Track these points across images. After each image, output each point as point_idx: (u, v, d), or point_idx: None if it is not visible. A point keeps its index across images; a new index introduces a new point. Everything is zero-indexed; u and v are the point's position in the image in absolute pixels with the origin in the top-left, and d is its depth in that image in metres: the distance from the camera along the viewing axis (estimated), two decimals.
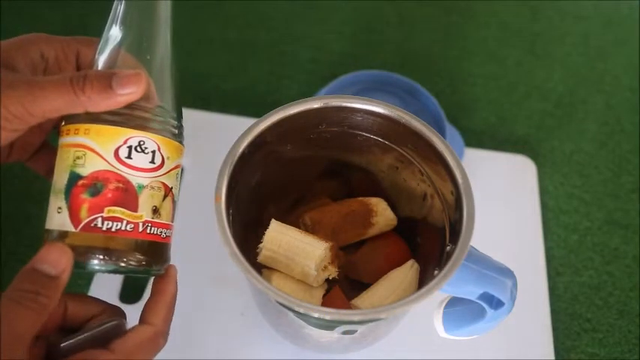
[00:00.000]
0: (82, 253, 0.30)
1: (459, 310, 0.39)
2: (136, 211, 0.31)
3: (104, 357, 0.30)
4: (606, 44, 0.75)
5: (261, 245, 0.42)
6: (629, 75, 0.72)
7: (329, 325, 0.37)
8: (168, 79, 0.33)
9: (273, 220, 0.43)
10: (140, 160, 0.31)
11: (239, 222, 0.39)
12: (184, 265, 0.36)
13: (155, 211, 0.32)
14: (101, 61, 0.32)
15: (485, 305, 0.36)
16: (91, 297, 0.34)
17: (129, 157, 0.31)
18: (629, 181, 0.63)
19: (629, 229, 0.59)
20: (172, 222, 0.34)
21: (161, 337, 0.32)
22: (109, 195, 0.30)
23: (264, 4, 0.74)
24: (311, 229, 0.45)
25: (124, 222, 0.31)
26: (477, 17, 0.76)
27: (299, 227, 0.45)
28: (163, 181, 0.32)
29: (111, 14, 0.32)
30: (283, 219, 0.43)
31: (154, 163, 0.32)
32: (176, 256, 0.35)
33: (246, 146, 0.38)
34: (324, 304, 0.43)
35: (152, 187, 0.32)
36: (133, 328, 0.32)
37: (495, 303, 0.36)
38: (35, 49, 0.33)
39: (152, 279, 0.34)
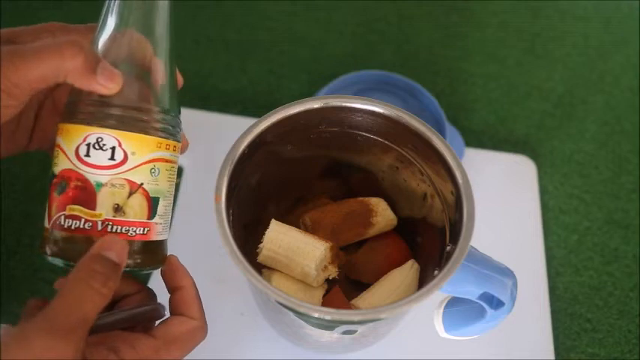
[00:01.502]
0: (52, 250, 0.31)
1: (459, 310, 0.39)
2: (94, 209, 0.31)
3: (146, 341, 0.30)
4: (606, 44, 0.75)
5: (261, 245, 0.42)
6: (629, 75, 0.72)
7: (329, 325, 0.37)
8: (157, 72, 0.32)
9: (273, 220, 0.43)
10: (98, 157, 0.31)
11: (239, 222, 0.39)
12: (184, 265, 0.36)
13: (117, 209, 0.31)
14: (99, 44, 0.32)
15: (485, 305, 0.36)
16: (131, 275, 0.34)
17: (87, 154, 0.31)
18: (629, 181, 0.63)
19: (629, 229, 0.59)
20: (152, 218, 0.33)
21: (202, 331, 0.33)
22: (70, 193, 0.31)
23: (264, 4, 0.74)
24: (311, 229, 0.45)
25: (82, 220, 0.31)
26: (477, 17, 0.76)
27: (299, 227, 0.45)
28: (128, 177, 0.31)
29: (105, 6, 0.32)
30: (283, 219, 0.44)
31: (113, 159, 0.31)
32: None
33: (246, 146, 0.38)
34: (324, 304, 0.43)
35: (112, 185, 0.31)
36: (174, 317, 0.32)
37: (495, 303, 0.36)
38: (48, 35, 0.32)
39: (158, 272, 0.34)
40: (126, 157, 0.31)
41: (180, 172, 0.58)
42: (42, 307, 0.32)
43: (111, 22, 0.32)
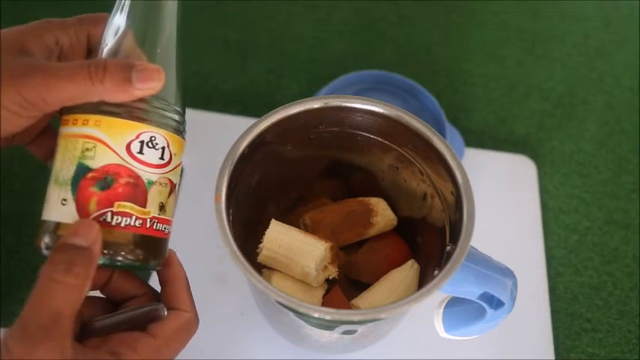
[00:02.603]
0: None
1: (459, 310, 0.39)
2: (144, 206, 0.31)
3: (146, 341, 0.30)
4: (606, 44, 0.75)
5: (261, 245, 0.42)
6: (629, 75, 0.72)
7: (329, 325, 0.37)
8: (174, 72, 0.33)
9: (273, 220, 0.43)
10: (151, 155, 0.31)
11: (239, 222, 0.39)
12: (184, 265, 0.36)
13: (162, 207, 0.32)
14: (110, 47, 0.31)
15: (485, 305, 0.36)
16: (137, 277, 0.34)
17: (140, 152, 0.30)
18: (629, 181, 0.63)
19: (629, 229, 0.59)
20: (173, 217, 0.34)
21: (195, 321, 0.33)
22: (120, 190, 0.30)
23: (264, 4, 0.74)
24: (311, 229, 0.45)
25: (134, 217, 0.30)
26: (477, 17, 0.76)
27: (299, 227, 0.45)
28: (170, 177, 0.32)
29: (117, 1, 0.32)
30: (283, 219, 0.43)
31: (163, 159, 0.31)
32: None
33: (246, 146, 0.38)
34: (324, 304, 0.43)
35: (160, 184, 0.31)
36: (169, 314, 0.32)
37: (495, 303, 0.36)
38: (50, 35, 0.32)
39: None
40: (171, 158, 0.32)
41: (180, 172, 0.58)
42: None
43: (128, 20, 0.31)
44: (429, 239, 0.44)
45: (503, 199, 0.59)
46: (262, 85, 0.67)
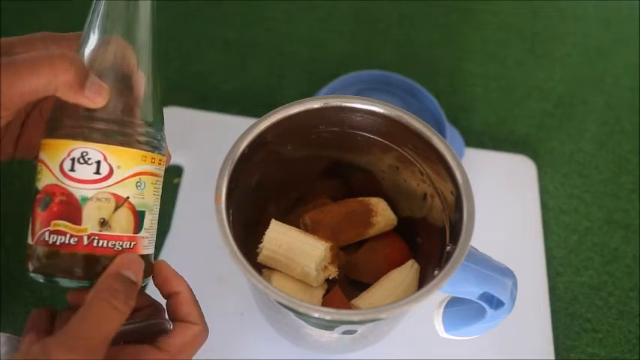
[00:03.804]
0: (35, 266, 0.31)
1: (459, 310, 0.39)
2: (79, 224, 0.30)
3: (153, 354, 0.30)
4: (606, 44, 0.75)
5: (261, 245, 0.42)
6: (629, 75, 0.72)
7: (329, 325, 0.37)
8: (150, 83, 0.32)
9: (273, 220, 0.43)
10: (83, 171, 0.30)
11: (239, 222, 0.39)
12: (184, 265, 0.36)
13: (103, 223, 0.31)
14: (83, 55, 0.31)
15: (485, 305, 0.36)
16: (142, 291, 0.34)
17: (72, 169, 0.30)
18: (629, 181, 0.63)
19: (629, 229, 0.59)
20: (139, 232, 0.32)
21: (204, 333, 0.33)
22: (55, 208, 0.30)
23: (264, 4, 0.74)
24: (311, 229, 0.45)
25: (68, 235, 0.30)
26: (477, 17, 0.76)
27: (299, 227, 0.45)
28: (113, 191, 0.31)
29: (91, 11, 0.32)
30: (283, 219, 0.43)
31: (99, 173, 0.30)
32: (176, 256, 0.36)
33: (246, 146, 0.38)
34: (324, 304, 0.43)
35: (98, 199, 0.30)
36: (176, 326, 0.32)
37: (495, 303, 0.36)
38: (41, 45, 0.32)
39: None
40: (111, 171, 0.31)
41: (180, 172, 0.58)
42: (46, 316, 0.32)
43: (93, 32, 0.31)
44: (429, 239, 0.44)
45: (503, 199, 0.59)
46: (262, 85, 0.67)
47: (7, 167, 0.58)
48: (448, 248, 0.37)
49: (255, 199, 0.44)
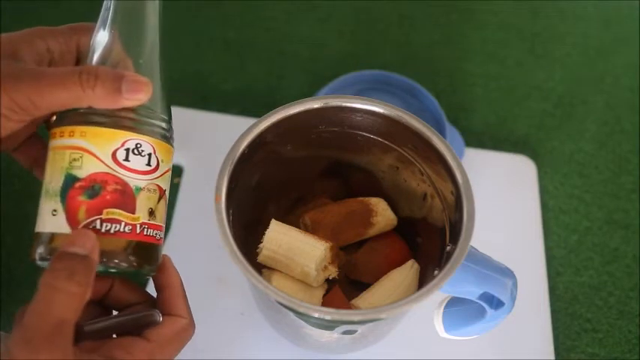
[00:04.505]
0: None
1: (459, 310, 0.39)
2: (133, 212, 0.31)
3: (141, 345, 0.30)
4: (606, 44, 0.75)
5: (261, 245, 0.42)
6: (629, 75, 0.72)
7: (329, 325, 0.37)
8: (158, 81, 0.33)
9: (273, 220, 0.43)
10: (137, 162, 0.31)
11: (239, 222, 0.39)
12: (184, 265, 0.36)
13: (151, 213, 0.32)
14: (98, 55, 0.32)
15: (485, 305, 0.36)
16: (137, 285, 0.34)
17: (126, 159, 0.31)
18: (629, 181, 0.63)
19: (629, 229, 0.59)
20: (164, 224, 0.34)
21: (191, 327, 0.33)
22: (108, 197, 0.30)
23: (264, 4, 0.74)
24: (311, 229, 0.45)
25: (123, 224, 0.31)
26: (477, 17, 0.76)
27: (299, 227, 0.45)
28: (158, 183, 0.33)
29: (102, 11, 0.32)
30: (283, 219, 0.43)
31: (149, 165, 0.32)
32: (176, 256, 0.35)
33: (246, 146, 0.38)
34: (324, 304, 0.43)
35: (149, 190, 0.32)
36: (165, 319, 0.32)
37: (495, 303, 0.36)
38: (42, 42, 0.32)
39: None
40: (158, 164, 0.32)
41: (180, 172, 0.58)
42: None
43: (112, 30, 0.32)
44: (429, 239, 0.44)
45: (503, 199, 0.59)
46: (262, 85, 0.67)
47: (7, 167, 0.58)
48: (448, 248, 0.37)
49: (255, 199, 0.44)
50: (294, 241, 0.41)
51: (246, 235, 0.42)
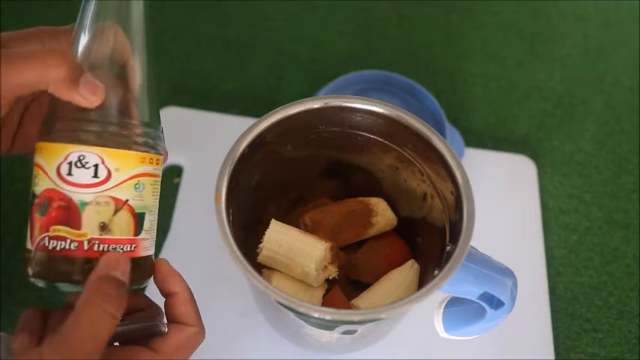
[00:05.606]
0: (35, 271, 0.30)
1: (459, 310, 0.39)
2: (79, 229, 0.30)
3: (149, 357, 0.30)
4: (606, 44, 0.75)
5: (261, 245, 0.42)
6: (629, 75, 0.72)
7: (329, 325, 0.37)
8: (141, 84, 0.32)
9: (273, 220, 0.43)
10: (81, 175, 0.30)
11: (239, 222, 0.39)
12: (184, 265, 0.36)
13: (103, 227, 0.30)
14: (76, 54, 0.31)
15: (485, 305, 0.36)
16: (141, 292, 0.34)
17: (69, 173, 0.30)
18: (629, 181, 0.63)
19: (629, 229, 0.59)
20: (139, 235, 0.32)
21: (200, 335, 0.33)
22: (53, 214, 0.30)
23: (264, 4, 0.74)
24: (311, 229, 0.45)
25: (68, 241, 0.30)
26: (477, 17, 0.76)
27: (299, 227, 0.45)
28: (112, 194, 0.30)
29: (80, 11, 0.32)
30: (283, 219, 0.43)
31: (97, 177, 0.30)
32: (176, 256, 0.36)
33: (246, 146, 0.38)
34: (324, 304, 0.43)
35: (97, 203, 0.30)
36: (172, 327, 0.32)
37: (495, 303, 0.36)
38: (37, 40, 0.32)
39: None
40: (109, 174, 0.30)
41: (180, 172, 0.58)
42: (39, 316, 0.32)
43: (84, 32, 0.31)
44: (429, 239, 0.44)
45: (503, 199, 0.59)
46: (262, 85, 0.67)
47: (8, 168, 0.58)
48: (448, 248, 0.37)
49: (255, 199, 0.44)
50: (294, 241, 0.41)
51: (246, 235, 0.42)
